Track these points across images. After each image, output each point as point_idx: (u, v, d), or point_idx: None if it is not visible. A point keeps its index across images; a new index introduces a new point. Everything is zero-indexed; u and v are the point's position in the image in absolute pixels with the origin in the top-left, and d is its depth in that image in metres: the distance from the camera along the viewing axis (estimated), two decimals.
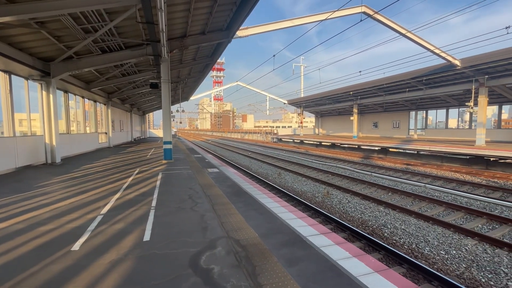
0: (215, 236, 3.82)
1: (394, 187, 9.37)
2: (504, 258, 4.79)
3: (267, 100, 51.12)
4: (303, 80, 45.37)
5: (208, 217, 4.64)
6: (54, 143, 11.02)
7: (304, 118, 39.45)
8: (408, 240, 5.66)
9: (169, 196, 6.07)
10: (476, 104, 16.75)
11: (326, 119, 41.15)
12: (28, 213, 4.83)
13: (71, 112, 14.93)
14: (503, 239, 5.57)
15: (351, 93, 26.05)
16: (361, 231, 5.82)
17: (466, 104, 17.58)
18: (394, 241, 5.65)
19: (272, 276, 2.78)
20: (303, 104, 36.89)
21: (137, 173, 9.01)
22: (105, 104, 20.55)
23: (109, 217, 4.66)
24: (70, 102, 14.49)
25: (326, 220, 6.63)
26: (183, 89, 26.10)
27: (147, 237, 3.80)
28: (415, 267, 4.37)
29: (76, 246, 3.50)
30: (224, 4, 9.73)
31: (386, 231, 6.14)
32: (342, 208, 7.77)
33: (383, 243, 5.16)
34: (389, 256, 4.84)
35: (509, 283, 4.13)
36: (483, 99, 16.35)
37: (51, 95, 10.79)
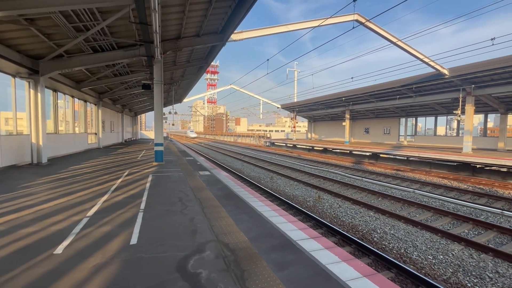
0: (204, 239, 3.76)
1: (384, 192, 9.48)
2: (489, 263, 4.88)
3: (261, 104, 51.31)
4: (296, 85, 45.78)
5: (197, 220, 4.57)
6: (40, 143, 10.72)
7: (297, 123, 39.69)
8: (397, 244, 5.71)
9: (158, 198, 5.96)
10: (463, 112, 17.22)
11: (318, 124, 41.53)
12: (9, 215, 4.65)
13: (60, 112, 14.59)
14: (488, 244, 5.68)
15: (344, 99, 26.42)
16: (351, 235, 5.84)
17: (454, 112, 18.05)
18: (384, 246, 5.69)
19: (261, 281, 2.74)
20: (296, 109, 37.15)
21: (126, 175, 8.84)
22: (95, 104, 20.20)
23: (96, 219, 4.53)
24: (59, 101, 14.16)
25: (317, 224, 6.63)
26: (176, 91, 25.93)
27: (134, 240, 3.71)
28: (404, 271, 4.41)
29: (59, 250, 3.38)
30: (219, 8, 9.75)
31: (376, 235, 6.19)
32: (333, 213, 7.80)
33: (373, 247, 5.18)
34: (379, 260, 4.86)
35: None
36: (470, 108, 16.83)
37: (39, 94, 10.53)
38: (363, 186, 10.73)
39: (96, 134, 20.38)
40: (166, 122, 40.48)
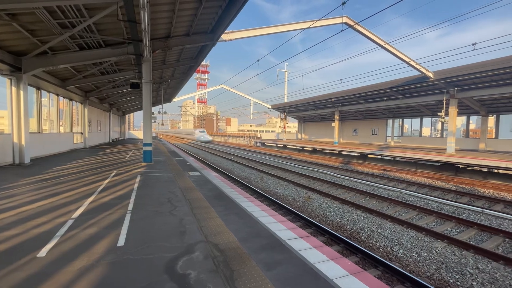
0: (194, 240, 3.74)
1: (372, 192, 9.68)
2: (470, 259, 5.07)
3: (251, 104, 51.31)
4: (287, 85, 46.08)
5: (187, 221, 4.54)
6: (23, 142, 10.35)
7: (287, 123, 39.95)
8: (383, 243, 5.85)
9: (147, 199, 5.88)
10: (447, 114, 17.82)
11: (308, 124, 41.93)
12: None
13: (44, 110, 14.13)
14: (469, 241, 5.90)
15: (333, 100, 26.80)
16: (340, 234, 5.94)
17: (438, 114, 18.63)
18: (371, 244, 5.82)
19: (250, 281, 2.76)
20: (286, 109, 37.38)
21: (114, 176, 8.66)
22: (81, 103, 19.67)
23: (81, 221, 4.42)
24: (43, 99, 13.71)
25: (306, 224, 6.71)
26: (166, 90, 25.59)
27: (121, 242, 3.65)
28: (389, 269, 4.52)
29: (43, 253, 3.28)
30: (210, 7, 9.71)
31: (363, 234, 6.31)
32: (322, 212, 7.90)
33: (360, 246, 5.29)
34: (366, 259, 4.97)
35: (474, 283, 4.37)
36: (453, 110, 17.43)
37: (21, 92, 10.16)
38: (351, 186, 10.92)
39: (82, 133, 19.85)
40: (155, 121, 39.86)
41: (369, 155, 20.05)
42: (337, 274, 2.96)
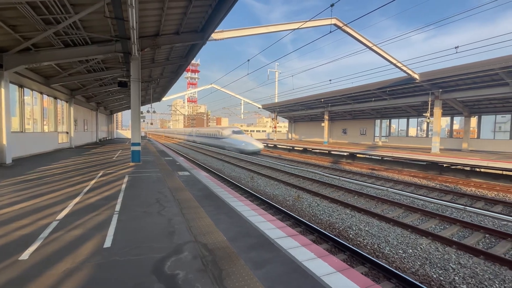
0: (182, 240, 3.71)
1: (360, 191, 9.87)
2: (453, 255, 5.26)
3: (242, 104, 51.28)
4: (277, 85, 46.29)
5: (176, 221, 4.50)
6: (4, 142, 9.97)
7: (278, 123, 40.14)
8: (371, 240, 5.98)
9: (135, 200, 5.78)
10: (432, 115, 18.37)
11: (299, 124, 42.27)
12: None
13: (27, 109, 13.65)
14: (452, 238, 6.11)
15: (322, 100, 27.13)
16: (328, 233, 6.03)
17: (424, 114, 19.19)
18: (359, 242, 5.94)
19: (238, 280, 2.77)
20: (277, 109, 37.55)
21: (100, 176, 8.48)
22: (67, 102, 19.12)
23: (66, 223, 4.31)
24: (26, 98, 13.24)
25: (295, 223, 6.77)
26: (155, 89, 25.19)
27: (108, 243, 3.58)
28: (376, 266, 4.63)
29: (25, 255, 3.18)
30: (200, 6, 9.63)
31: (351, 232, 6.43)
32: (311, 211, 7.99)
33: (348, 244, 5.39)
34: (353, 256, 5.07)
35: (456, 277, 4.54)
36: (437, 111, 17.98)
37: (2, 89, 9.79)
38: (340, 185, 11.10)
39: (67, 133, 19.29)
40: (144, 121, 39.24)
41: (357, 155, 20.42)
42: (324, 271, 3.01)
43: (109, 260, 3.12)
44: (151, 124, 40.37)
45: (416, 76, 16.96)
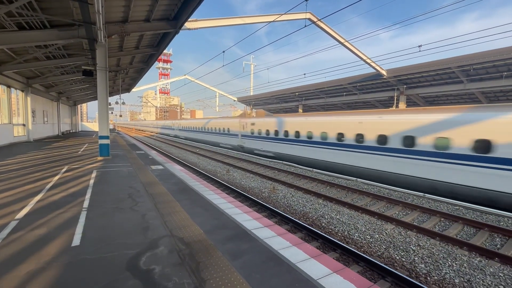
0: (157, 235, 3.64)
1: (332, 182, 10.32)
2: (413, 238, 5.76)
3: (217, 96, 50.45)
4: (252, 78, 46.16)
5: (150, 216, 4.38)
6: None
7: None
8: (341, 228, 6.33)
9: (105, 196, 5.52)
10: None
11: None
12: None
13: None
14: (413, 222, 6.67)
15: (297, 94, 27.63)
16: (302, 222, 6.26)
17: (390, 109, 20.42)
18: (330, 230, 6.25)
19: (216, 270, 2.80)
20: (252, 102, 37.54)
21: (65, 171, 7.93)
22: (22, 91, 17.40)
23: (27, 222, 4.00)
24: None
25: (271, 214, 6.93)
26: (124, 79, 23.83)
27: (76, 241, 3.40)
28: (346, 251, 4.93)
29: None
30: None
31: (324, 221, 6.74)
32: (286, 202, 8.22)
33: (321, 232, 5.65)
34: (326, 243, 5.34)
35: (416, 258, 4.99)
36: (402, 106, 19.22)
37: None
38: (313, 176, 11.50)
39: (24, 125, 17.64)
40: (112, 113, 37.01)
41: None
42: (299, 258, 3.15)
43: (79, 259, 2.97)
44: (120, 116, 38.16)
45: (384, 72, 17.91)
